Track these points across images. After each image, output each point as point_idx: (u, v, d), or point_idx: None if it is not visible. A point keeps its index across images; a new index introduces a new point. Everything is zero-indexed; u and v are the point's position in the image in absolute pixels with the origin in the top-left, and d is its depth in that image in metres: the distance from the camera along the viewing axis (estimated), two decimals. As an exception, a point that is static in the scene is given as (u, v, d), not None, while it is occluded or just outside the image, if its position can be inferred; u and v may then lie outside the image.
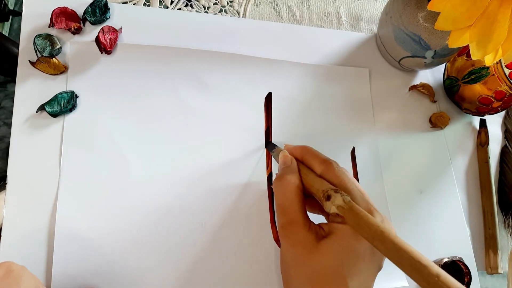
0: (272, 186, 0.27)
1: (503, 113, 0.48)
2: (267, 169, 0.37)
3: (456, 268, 0.37)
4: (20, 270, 0.23)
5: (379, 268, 0.25)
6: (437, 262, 0.37)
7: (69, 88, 0.34)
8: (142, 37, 0.38)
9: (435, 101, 0.45)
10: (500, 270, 0.40)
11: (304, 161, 0.28)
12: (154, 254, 0.32)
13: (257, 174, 0.36)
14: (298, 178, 0.26)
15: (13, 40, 0.36)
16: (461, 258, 0.38)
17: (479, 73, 0.40)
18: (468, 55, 0.41)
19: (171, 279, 0.31)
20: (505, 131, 0.47)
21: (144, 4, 0.41)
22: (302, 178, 0.26)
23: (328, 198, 0.23)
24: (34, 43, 0.34)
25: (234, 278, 0.33)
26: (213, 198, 0.34)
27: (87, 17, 0.37)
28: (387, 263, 0.37)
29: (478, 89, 0.41)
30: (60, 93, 0.33)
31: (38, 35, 0.35)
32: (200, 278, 0.32)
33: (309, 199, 0.27)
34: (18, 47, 0.35)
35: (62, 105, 0.33)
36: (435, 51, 0.38)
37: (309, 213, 0.26)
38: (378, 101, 0.43)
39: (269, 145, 0.35)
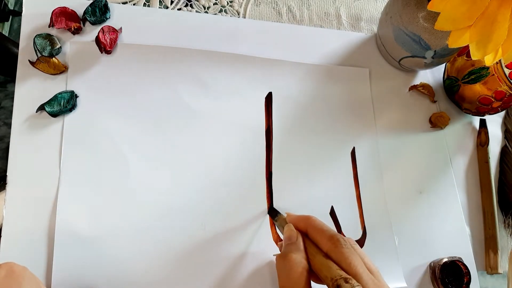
0: (275, 260, 0.26)
1: (503, 113, 0.48)
2: (266, 168, 0.37)
3: (455, 268, 0.37)
4: (21, 271, 0.23)
5: None
6: (437, 263, 0.37)
7: (69, 88, 0.34)
8: (142, 37, 0.38)
9: (435, 101, 0.45)
10: (500, 270, 0.40)
11: (308, 234, 0.26)
12: (154, 254, 0.32)
13: (258, 174, 0.36)
14: (304, 258, 0.24)
15: (13, 40, 0.36)
16: (460, 258, 0.38)
17: (479, 73, 0.40)
18: (468, 55, 0.41)
19: (171, 279, 0.31)
20: (505, 131, 0.47)
21: (144, 4, 0.41)
22: (308, 257, 0.24)
23: None
24: (34, 42, 0.34)
25: (234, 277, 0.33)
26: (213, 198, 0.34)
27: (87, 17, 0.37)
28: (386, 264, 0.37)
29: (478, 89, 0.41)
30: (60, 93, 0.33)
31: (38, 35, 0.35)
32: (200, 278, 0.32)
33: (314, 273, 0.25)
34: (18, 47, 0.35)
35: (62, 105, 0.33)
36: (435, 51, 0.38)
37: None
38: (378, 101, 0.43)
39: (272, 212, 0.34)
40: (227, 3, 0.44)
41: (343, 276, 0.22)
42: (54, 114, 0.33)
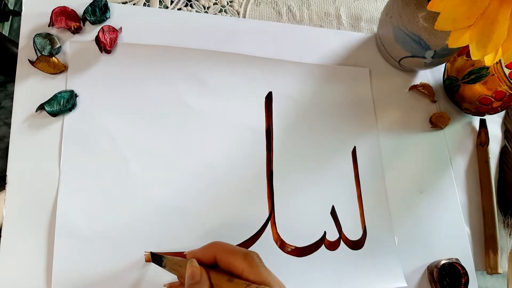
0: None
1: (503, 113, 0.48)
2: (267, 167, 0.37)
3: (453, 269, 0.37)
4: None
5: None
6: (435, 265, 0.37)
7: (69, 87, 0.34)
8: (142, 37, 0.38)
9: (435, 101, 0.45)
10: (500, 270, 0.40)
11: (218, 260, 0.24)
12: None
13: (258, 173, 0.36)
14: None
15: (13, 40, 0.36)
16: (457, 259, 0.38)
17: (479, 73, 0.40)
18: (468, 55, 0.42)
19: (171, 278, 0.31)
20: (505, 131, 0.47)
21: (144, 4, 0.41)
22: None
23: None
24: (34, 42, 0.34)
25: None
26: (213, 198, 0.34)
27: (87, 17, 0.36)
28: (386, 263, 0.37)
29: (478, 89, 0.41)
30: (59, 92, 0.33)
31: (38, 34, 0.34)
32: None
33: None
34: (17, 47, 0.34)
35: (62, 104, 0.33)
36: (435, 51, 0.38)
37: None
38: (378, 101, 0.43)
39: (155, 258, 0.28)
40: (227, 3, 0.44)
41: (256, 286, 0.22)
42: (53, 114, 0.33)
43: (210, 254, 0.25)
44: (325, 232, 0.36)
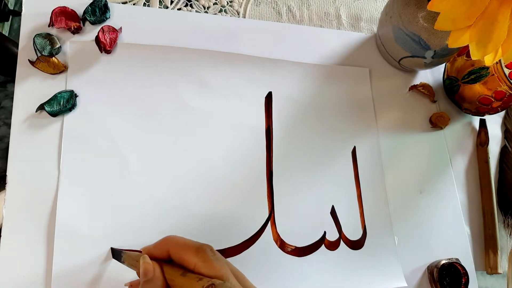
0: None
1: (503, 113, 0.48)
2: (267, 167, 0.37)
3: (453, 269, 0.37)
4: None
5: None
6: (434, 266, 0.37)
7: (69, 88, 0.34)
8: (142, 37, 0.38)
9: (435, 101, 0.45)
10: (500, 270, 0.40)
11: (171, 254, 0.24)
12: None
13: (258, 173, 0.36)
14: None
15: (13, 40, 0.36)
16: (457, 259, 0.38)
17: (479, 73, 0.40)
18: (468, 55, 0.42)
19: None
20: (505, 131, 0.47)
21: (144, 4, 0.41)
22: (168, 284, 0.23)
23: None
24: (34, 42, 0.34)
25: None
26: (213, 198, 0.34)
27: (87, 17, 0.36)
28: (386, 263, 0.37)
29: (478, 89, 0.41)
30: (59, 93, 0.33)
31: (38, 34, 0.34)
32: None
33: None
34: (17, 47, 0.34)
35: (62, 104, 0.33)
36: (435, 51, 0.38)
37: None
38: (378, 101, 0.43)
39: (115, 254, 0.29)
40: (227, 3, 0.44)
41: (205, 286, 0.21)
42: (53, 114, 0.33)
43: (164, 249, 0.24)
44: (325, 232, 0.36)
